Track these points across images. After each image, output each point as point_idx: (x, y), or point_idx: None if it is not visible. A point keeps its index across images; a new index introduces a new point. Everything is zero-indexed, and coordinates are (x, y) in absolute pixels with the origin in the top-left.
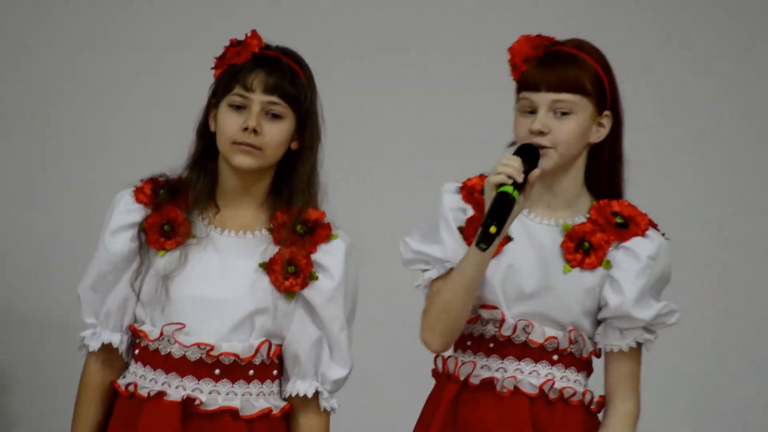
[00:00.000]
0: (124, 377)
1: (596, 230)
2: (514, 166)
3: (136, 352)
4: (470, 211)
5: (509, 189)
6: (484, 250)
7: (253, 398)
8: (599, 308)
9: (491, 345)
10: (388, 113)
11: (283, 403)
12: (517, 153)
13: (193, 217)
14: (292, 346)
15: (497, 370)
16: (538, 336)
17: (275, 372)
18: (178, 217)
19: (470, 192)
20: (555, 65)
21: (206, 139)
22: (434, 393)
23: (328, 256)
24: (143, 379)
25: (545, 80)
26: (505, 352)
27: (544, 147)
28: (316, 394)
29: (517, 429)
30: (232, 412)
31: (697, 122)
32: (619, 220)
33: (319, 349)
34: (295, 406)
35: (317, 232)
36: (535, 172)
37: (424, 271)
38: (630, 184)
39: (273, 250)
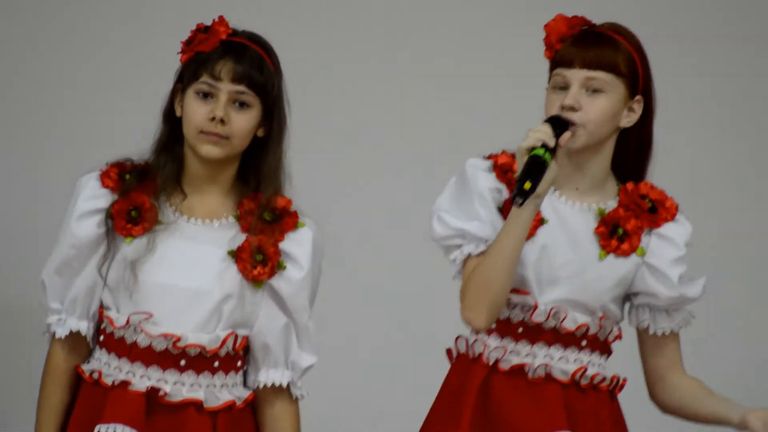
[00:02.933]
0: (89, 362)
1: (630, 216)
2: (544, 131)
3: (101, 338)
4: (505, 192)
5: (541, 152)
6: (520, 205)
7: (217, 390)
8: (629, 294)
9: (519, 330)
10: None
11: (246, 394)
12: (546, 122)
13: (160, 202)
14: (262, 334)
15: (526, 356)
16: (570, 323)
17: (239, 363)
18: (146, 203)
19: (503, 171)
20: (590, 44)
21: (172, 123)
22: (454, 376)
23: (296, 246)
24: (107, 367)
25: (579, 57)
26: (534, 338)
27: (574, 123)
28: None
29: (552, 415)
30: (196, 405)
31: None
32: (648, 204)
33: (288, 336)
34: (265, 395)
35: (284, 219)
36: (566, 134)
37: (457, 246)
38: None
39: (241, 237)
